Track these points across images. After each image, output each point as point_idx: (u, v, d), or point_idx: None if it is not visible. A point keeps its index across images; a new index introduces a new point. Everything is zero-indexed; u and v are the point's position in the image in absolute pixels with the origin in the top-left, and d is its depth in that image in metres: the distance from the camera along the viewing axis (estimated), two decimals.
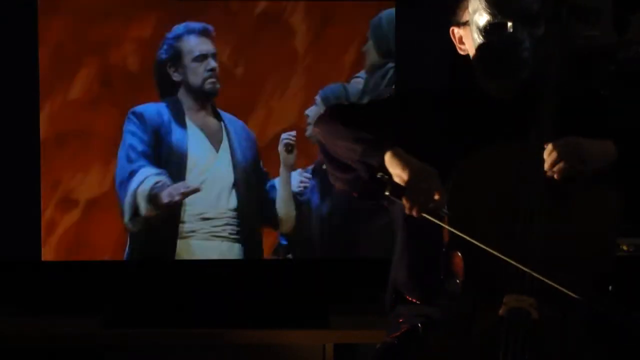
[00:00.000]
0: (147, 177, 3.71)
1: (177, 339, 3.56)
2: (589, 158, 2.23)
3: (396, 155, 2.22)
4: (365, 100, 3.63)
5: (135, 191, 3.69)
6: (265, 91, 3.71)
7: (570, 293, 2.10)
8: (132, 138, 3.70)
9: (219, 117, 3.72)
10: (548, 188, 2.22)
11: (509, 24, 2.30)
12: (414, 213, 2.18)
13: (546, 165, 2.22)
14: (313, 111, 3.71)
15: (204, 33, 3.72)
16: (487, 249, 2.14)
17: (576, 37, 2.37)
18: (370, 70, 3.71)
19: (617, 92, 3.33)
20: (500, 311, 2.13)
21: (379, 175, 2.22)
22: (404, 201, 2.19)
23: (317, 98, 3.71)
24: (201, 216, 3.71)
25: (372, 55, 3.71)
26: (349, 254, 3.75)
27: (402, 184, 2.19)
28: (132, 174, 3.70)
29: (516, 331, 2.10)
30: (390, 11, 3.69)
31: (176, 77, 3.72)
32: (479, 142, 2.29)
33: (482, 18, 2.33)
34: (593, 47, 2.83)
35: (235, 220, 3.71)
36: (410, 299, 2.41)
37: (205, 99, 3.72)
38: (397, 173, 2.20)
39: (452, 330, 2.20)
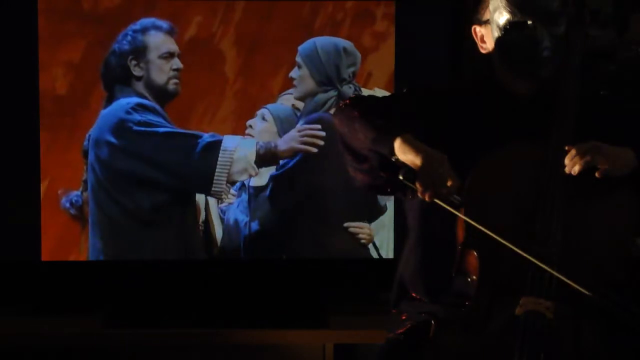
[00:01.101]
0: (238, 144, 3.66)
1: (177, 339, 3.55)
2: (610, 164, 2.23)
3: (407, 141, 2.21)
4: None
5: (230, 160, 3.64)
6: (196, 114, 3.68)
7: (587, 292, 2.10)
8: (159, 125, 3.64)
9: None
10: (566, 190, 2.22)
11: (529, 22, 2.31)
12: (427, 197, 2.17)
13: (567, 168, 2.22)
14: (257, 124, 3.70)
15: (170, 32, 3.66)
16: (506, 242, 2.13)
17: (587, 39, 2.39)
18: (310, 98, 3.69)
19: (617, 92, 3.34)
20: (517, 311, 2.14)
21: (393, 158, 2.21)
22: (418, 185, 2.18)
23: (267, 113, 3.69)
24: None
25: (307, 83, 3.70)
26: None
27: (415, 169, 2.18)
28: (211, 145, 3.65)
29: (532, 333, 2.10)
30: (325, 39, 3.68)
31: (137, 71, 3.64)
32: (497, 141, 2.29)
33: (502, 17, 2.33)
34: (593, 47, 2.83)
35: None
36: (414, 295, 2.42)
37: (163, 99, 3.66)
38: (410, 158, 2.19)
39: (466, 328, 2.21)
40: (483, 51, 2.46)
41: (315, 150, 3.66)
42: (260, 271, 3.75)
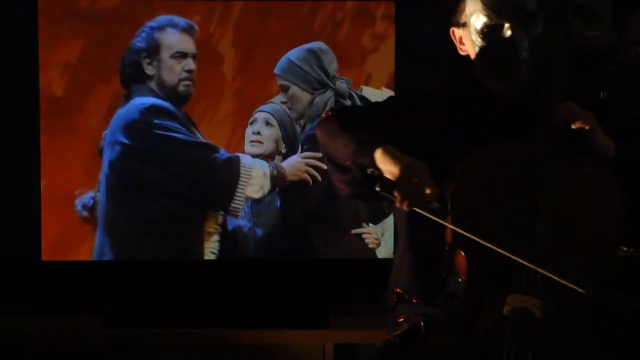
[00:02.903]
0: (254, 162, 3.61)
1: (177, 339, 3.56)
2: (596, 127, 2.24)
3: (387, 151, 2.22)
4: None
5: (249, 177, 3.58)
6: (195, 115, 3.65)
7: (575, 287, 2.10)
8: (176, 130, 3.58)
9: None
10: (551, 189, 2.23)
11: (506, 25, 2.31)
12: (405, 207, 2.18)
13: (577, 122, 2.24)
14: (264, 130, 3.67)
15: (187, 30, 3.60)
16: (489, 245, 2.14)
17: (577, 37, 2.38)
18: (309, 106, 3.67)
19: (617, 92, 3.34)
20: (504, 310, 2.14)
21: (369, 171, 2.22)
22: (396, 195, 2.18)
23: (270, 117, 3.66)
24: None
25: (301, 98, 3.67)
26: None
27: (393, 179, 2.19)
28: (230, 161, 3.60)
29: (520, 331, 2.10)
30: (296, 50, 3.65)
31: (149, 70, 3.57)
32: (482, 141, 2.29)
33: (479, 20, 2.34)
34: (593, 47, 2.83)
35: None
36: (410, 299, 2.42)
37: (176, 101, 3.60)
38: (388, 169, 2.19)
39: (455, 329, 2.21)
40: (462, 53, 2.46)
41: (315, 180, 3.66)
42: (260, 271, 3.75)
